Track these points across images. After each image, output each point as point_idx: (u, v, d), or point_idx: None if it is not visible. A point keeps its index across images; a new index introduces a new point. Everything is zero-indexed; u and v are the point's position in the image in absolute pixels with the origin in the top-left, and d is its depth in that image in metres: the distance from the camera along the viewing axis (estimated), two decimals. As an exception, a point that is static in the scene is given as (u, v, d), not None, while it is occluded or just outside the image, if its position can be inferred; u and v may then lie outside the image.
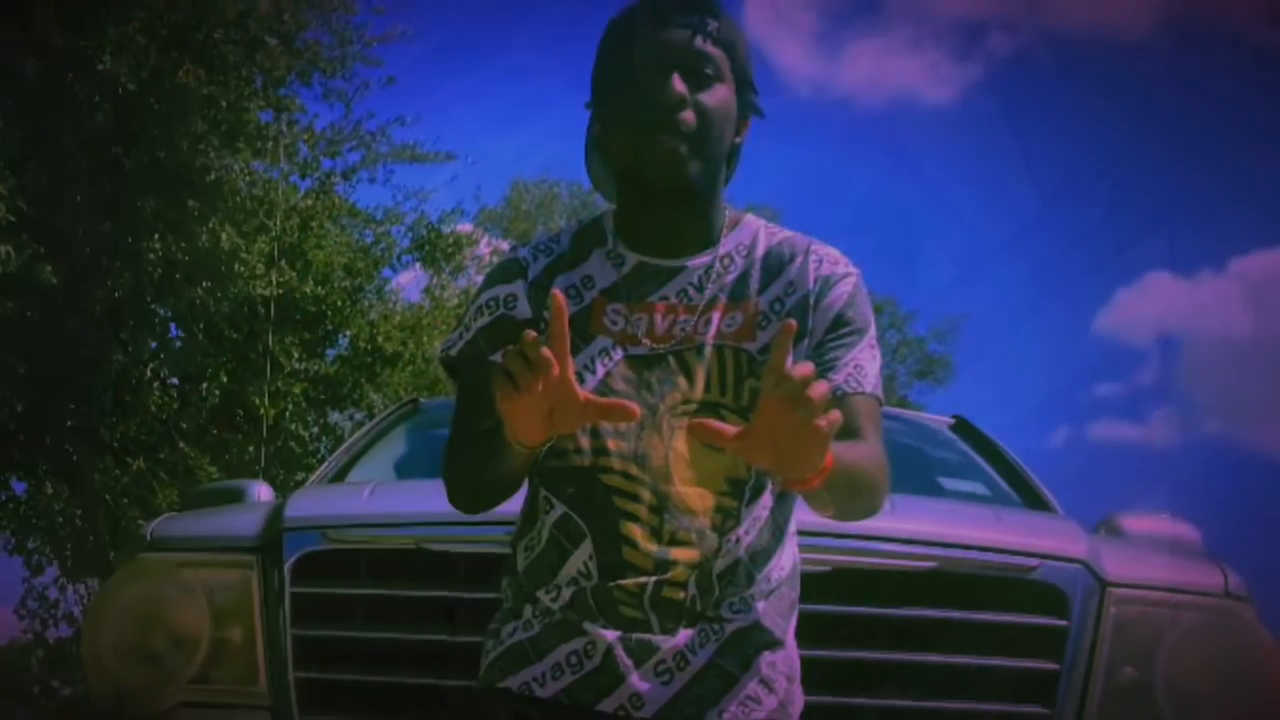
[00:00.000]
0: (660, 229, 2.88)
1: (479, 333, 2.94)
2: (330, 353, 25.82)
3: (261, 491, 4.74)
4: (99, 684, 3.41)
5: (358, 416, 25.36)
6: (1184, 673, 3.25)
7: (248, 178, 21.49)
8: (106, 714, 3.40)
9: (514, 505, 2.89)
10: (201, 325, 23.05)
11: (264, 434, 22.68)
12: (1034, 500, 5.39)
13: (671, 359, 2.79)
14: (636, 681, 2.65)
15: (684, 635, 2.68)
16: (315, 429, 25.46)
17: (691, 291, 2.84)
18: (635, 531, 2.69)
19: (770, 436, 2.37)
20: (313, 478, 5.92)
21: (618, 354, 2.80)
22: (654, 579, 2.67)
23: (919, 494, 4.18)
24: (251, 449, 23.57)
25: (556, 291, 2.51)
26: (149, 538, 3.50)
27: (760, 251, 2.90)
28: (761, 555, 2.77)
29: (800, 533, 2.94)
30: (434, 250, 27.37)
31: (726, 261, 2.87)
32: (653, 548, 2.68)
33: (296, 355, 24.17)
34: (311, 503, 3.56)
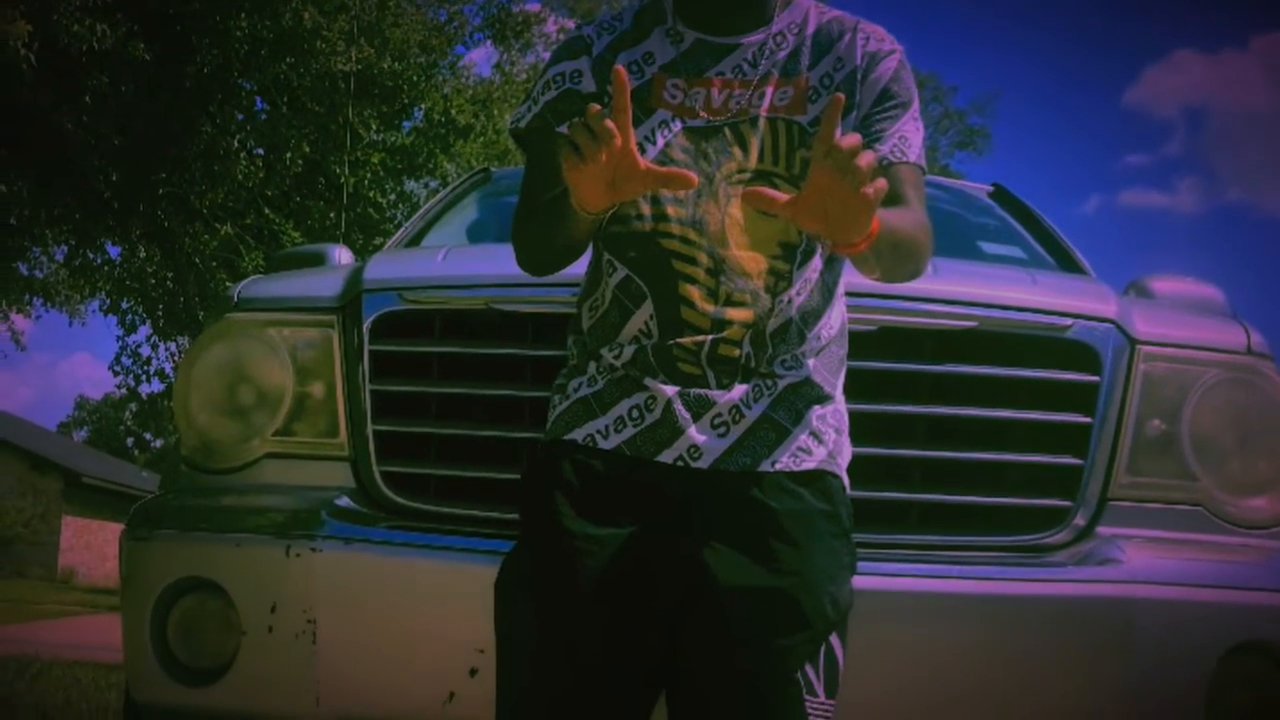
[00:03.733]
0: (717, 8, 2.87)
1: (546, 106, 2.94)
2: (406, 125, 25.84)
3: (342, 255, 4.73)
4: (189, 436, 3.43)
5: (432, 185, 25.42)
6: (1209, 425, 3.25)
7: (326, -40, 21.38)
8: (196, 465, 3.42)
9: (579, 268, 2.90)
10: (285, 99, 23.07)
11: (344, 201, 22.75)
12: (1068, 264, 5.37)
13: (727, 131, 2.79)
14: (694, 434, 2.66)
15: (739, 390, 2.69)
16: (392, 197, 25.53)
17: (746, 67, 2.83)
18: (693, 293, 2.69)
19: (820, 203, 2.39)
20: (390, 242, 5.91)
21: (676, 126, 2.79)
22: (711, 337, 2.68)
23: (960, 258, 4.16)
24: (332, 215, 23.66)
25: (619, 67, 2.51)
26: (236, 298, 3.50)
27: (811, 29, 2.88)
28: (812, 315, 2.77)
29: (848, 294, 2.95)
30: (504, 28, 27.34)
31: (779, 39, 2.85)
32: (710, 308, 2.69)
33: (374, 127, 24.18)
34: (389, 266, 3.54)
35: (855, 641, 2.73)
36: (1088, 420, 3.17)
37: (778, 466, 2.67)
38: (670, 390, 2.68)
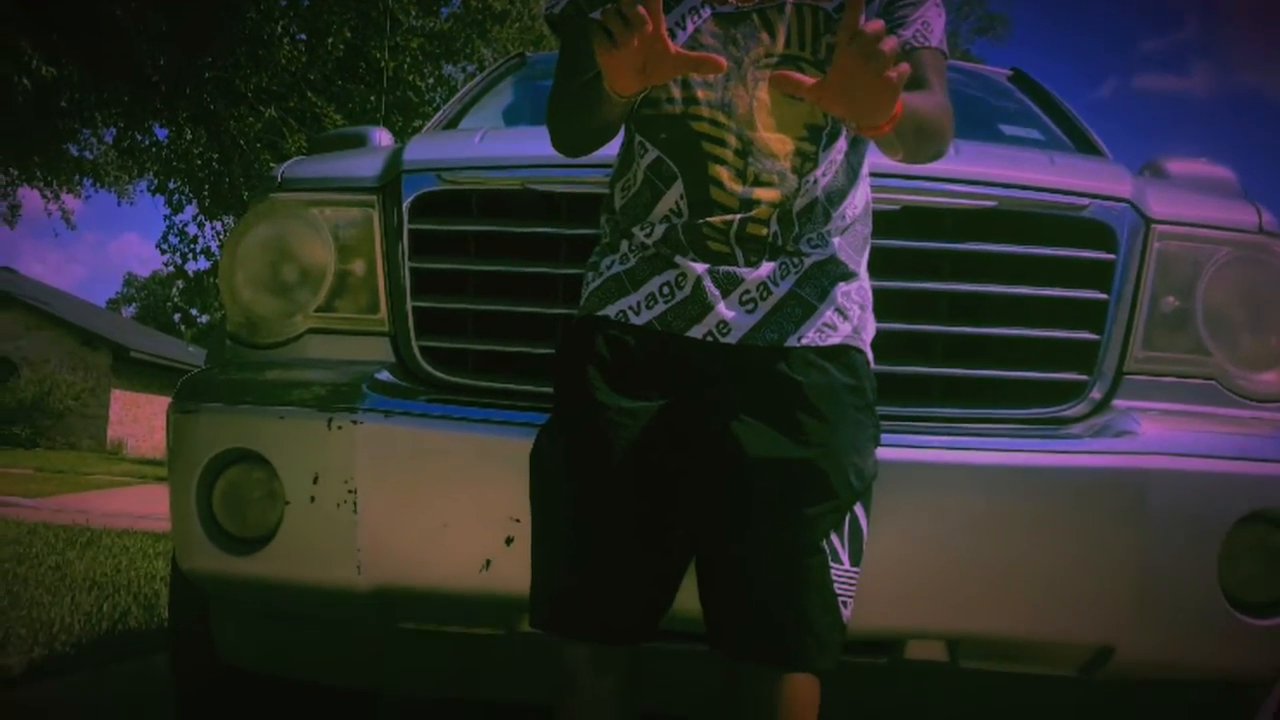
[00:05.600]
0: (745, -105, 2.81)
1: (580, -8, 2.91)
2: (444, 10, 25.76)
3: (382, 137, 4.71)
4: (234, 312, 3.43)
5: (469, 69, 25.36)
6: (1221, 301, 3.23)
7: None
8: (241, 340, 3.42)
9: (611, 149, 2.89)
10: (327, -16, 23.00)
11: (384, 85, 22.74)
12: (1085, 146, 5.34)
13: (755, 16, 2.76)
14: (723, 310, 2.66)
15: (766, 268, 2.68)
16: (431, 80, 25.49)
17: (773, -45, 2.78)
18: (722, 173, 2.69)
19: (845, 87, 2.39)
20: (428, 125, 5.89)
21: (706, 12, 2.77)
22: (739, 216, 2.68)
23: (980, 140, 4.14)
24: (373, 98, 23.66)
25: None
26: (279, 179, 3.49)
27: (835, -85, 2.83)
28: (837, 195, 2.77)
29: (872, 174, 2.94)
30: (539, -85, 27.07)
31: None
32: (738, 188, 2.68)
33: (414, 12, 24.12)
34: (428, 147, 3.52)
35: (879, 511, 2.75)
36: (1104, 297, 3.16)
37: (804, 341, 2.67)
38: (700, 267, 2.68)
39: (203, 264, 27.85)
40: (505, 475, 2.89)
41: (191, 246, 27.59)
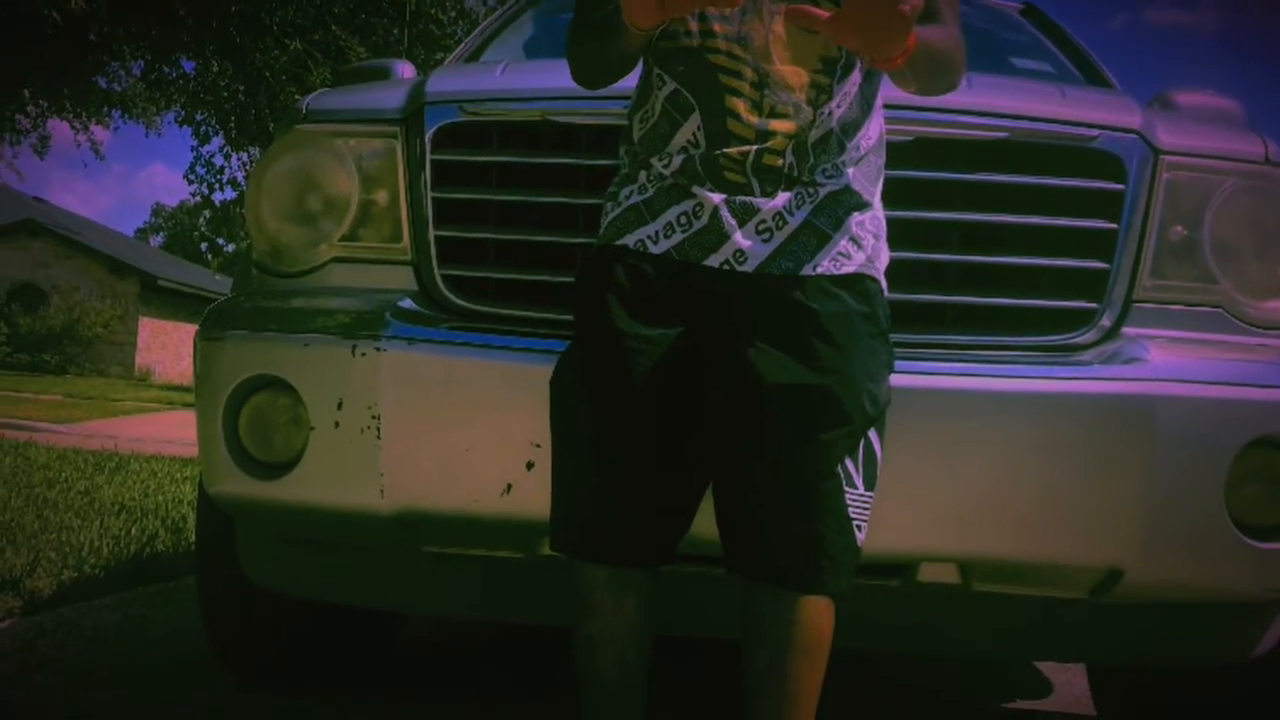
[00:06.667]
0: None
1: (599, -76, 2.89)
2: (467, -56, 25.62)
3: (405, 70, 4.69)
4: (260, 242, 3.43)
5: (490, 3, 25.25)
6: (1228, 231, 3.23)
7: None
8: (266, 269, 3.42)
9: (630, 82, 2.88)
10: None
11: (407, 18, 22.65)
12: (1095, 79, 5.32)
13: (771, -50, 2.72)
14: (740, 239, 2.66)
15: (782, 198, 2.68)
16: (452, 14, 25.40)
17: (789, -115, 2.76)
18: (739, 105, 2.68)
19: (859, 20, 2.38)
20: (450, 58, 5.87)
21: (723, -55, 2.73)
22: (755, 147, 2.67)
23: (992, 72, 4.12)
24: (396, 31, 23.60)
25: None
26: (304, 110, 3.48)
27: None
28: (851, 126, 2.75)
29: (886, 106, 2.93)
30: None
31: None
32: (754, 120, 2.67)
33: (437, -55, 24.00)
34: (450, 79, 3.51)
35: (893, 436, 2.75)
36: (1114, 226, 3.15)
37: (819, 270, 2.67)
38: (717, 197, 2.67)
39: (229, 194, 27.90)
40: (526, 401, 2.89)
41: (218, 177, 27.63)
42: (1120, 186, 3.17)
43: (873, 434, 2.67)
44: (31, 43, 21.09)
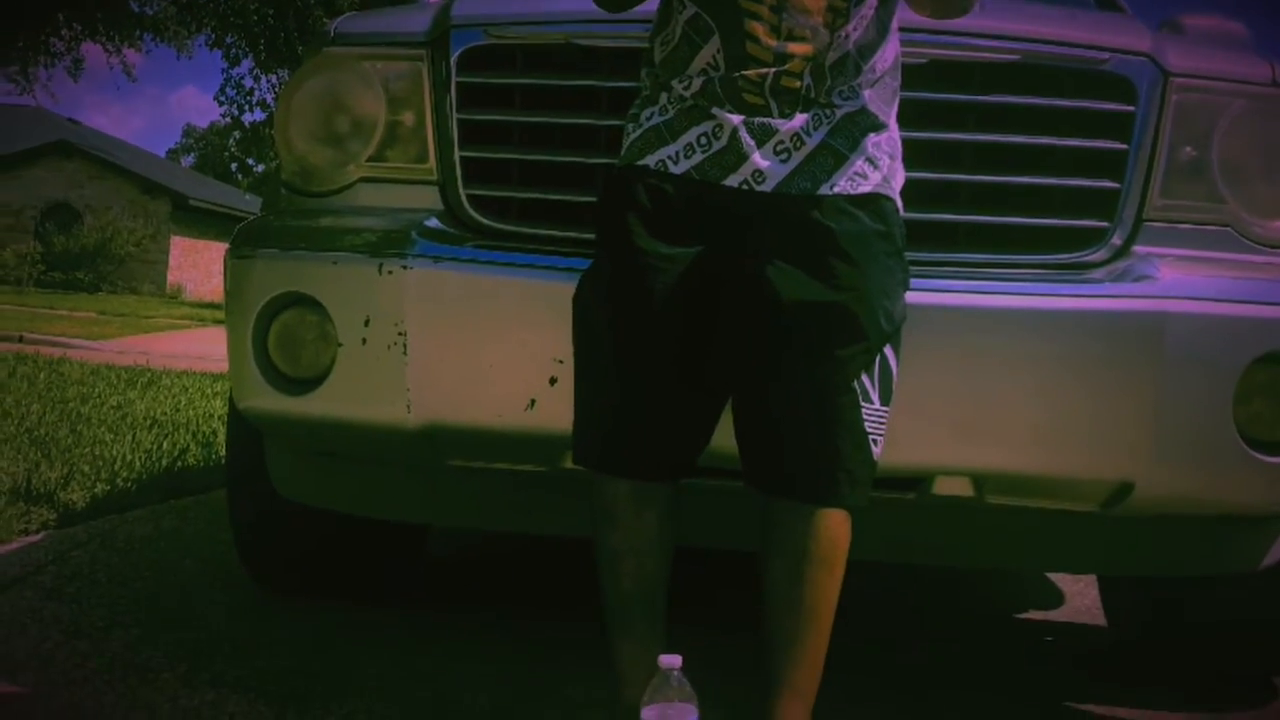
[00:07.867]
0: None
1: None
2: None
3: (429, -6, 4.68)
4: (289, 162, 3.43)
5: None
6: (1236, 151, 3.22)
7: None
8: (295, 189, 3.42)
9: (651, 5, 2.87)
10: None
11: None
12: (1106, 2, 5.29)
13: (790, -127, 2.70)
14: (758, 159, 2.65)
15: (800, 119, 2.66)
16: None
17: None
18: (757, 28, 2.66)
19: None
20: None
21: None
22: (773, 70, 2.65)
23: (1005, -3, 4.11)
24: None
25: None
26: (333, 34, 3.48)
27: None
28: (867, 49, 2.74)
29: (901, 29, 2.90)
30: None
31: None
32: (772, 43, 2.65)
33: None
34: (475, 3, 3.49)
35: (908, 352, 2.75)
36: (1124, 147, 3.15)
37: (836, 190, 2.66)
38: (736, 119, 2.66)
39: (258, 115, 27.89)
40: (549, 318, 2.91)
41: (248, 99, 27.62)
42: (1131, 108, 3.16)
43: (888, 350, 2.66)
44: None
